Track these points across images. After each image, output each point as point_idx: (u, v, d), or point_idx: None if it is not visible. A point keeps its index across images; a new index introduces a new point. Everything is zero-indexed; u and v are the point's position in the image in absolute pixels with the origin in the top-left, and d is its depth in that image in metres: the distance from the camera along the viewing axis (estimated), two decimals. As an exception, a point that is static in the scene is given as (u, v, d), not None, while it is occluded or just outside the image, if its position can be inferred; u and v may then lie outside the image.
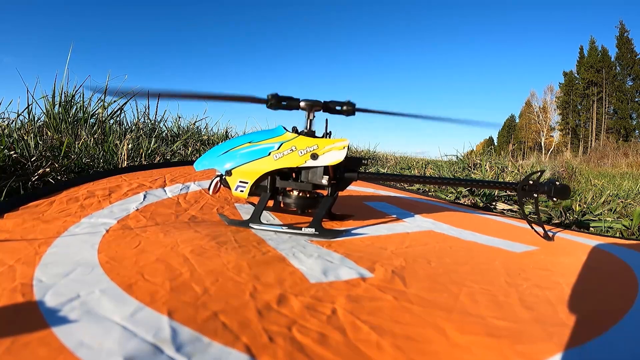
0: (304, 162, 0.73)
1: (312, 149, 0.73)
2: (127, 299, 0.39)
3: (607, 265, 0.68)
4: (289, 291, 0.44)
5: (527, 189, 0.80)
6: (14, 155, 1.01)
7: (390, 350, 0.33)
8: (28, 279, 0.43)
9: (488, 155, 3.36)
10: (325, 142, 0.74)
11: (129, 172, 1.07)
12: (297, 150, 0.74)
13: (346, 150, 0.73)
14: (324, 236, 0.70)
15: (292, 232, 0.72)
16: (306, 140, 0.74)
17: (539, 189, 0.79)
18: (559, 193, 0.78)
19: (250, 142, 0.76)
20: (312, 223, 0.72)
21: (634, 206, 1.81)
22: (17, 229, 0.63)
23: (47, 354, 0.30)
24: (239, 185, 0.76)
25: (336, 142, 0.73)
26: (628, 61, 18.38)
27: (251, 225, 0.73)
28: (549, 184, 0.79)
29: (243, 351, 0.32)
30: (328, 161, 0.73)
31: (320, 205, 0.76)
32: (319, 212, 0.74)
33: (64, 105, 1.75)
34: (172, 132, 2.07)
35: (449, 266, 0.58)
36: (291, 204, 0.80)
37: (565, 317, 0.41)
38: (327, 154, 0.73)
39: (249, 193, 0.76)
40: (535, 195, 0.80)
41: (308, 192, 0.80)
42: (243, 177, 0.76)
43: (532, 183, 0.79)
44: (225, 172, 0.77)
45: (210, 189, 0.79)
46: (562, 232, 0.98)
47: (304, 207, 0.81)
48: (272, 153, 0.74)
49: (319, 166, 0.74)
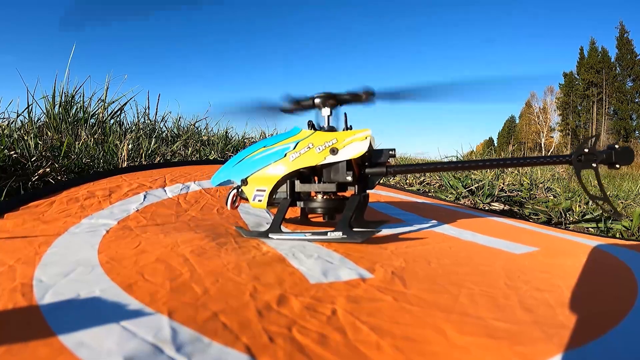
0: (323, 158, 0.68)
1: (330, 144, 0.67)
2: (127, 299, 0.39)
3: (607, 267, 0.68)
4: (289, 292, 0.44)
5: (583, 159, 0.69)
6: (14, 155, 1.01)
7: (390, 350, 0.33)
8: (28, 278, 0.43)
9: (488, 155, 3.36)
10: (344, 135, 0.68)
11: (129, 173, 1.07)
12: (314, 147, 0.68)
13: (369, 140, 0.67)
14: (353, 239, 0.64)
15: (317, 238, 0.66)
16: (324, 136, 0.69)
17: (597, 157, 0.68)
18: (622, 157, 0.67)
19: (264, 146, 0.72)
20: (339, 226, 0.65)
21: (634, 207, 1.81)
22: (18, 229, 0.63)
23: (47, 354, 0.30)
24: (257, 194, 0.70)
25: (357, 133, 0.68)
26: (628, 62, 18.40)
27: (271, 235, 0.66)
28: (607, 149, 0.68)
29: (243, 351, 0.32)
30: (350, 154, 0.67)
31: (347, 206, 0.68)
32: (345, 213, 0.67)
33: (64, 105, 1.74)
34: (172, 133, 2.07)
35: (448, 267, 0.58)
36: (317, 208, 0.72)
37: (565, 319, 0.41)
38: (348, 147, 0.67)
39: (268, 202, 0.70)
40: (594, 165, 0.68)
41: (333, 195, 0.72)
42: (260, 184, 0.70)
43: (587, 152, 0.68)
44: (241, 182, 0.72)
45: (228, 203, 0.73)
46: (562, 233, 0.98)
47: (331, 211, 0.72)
48: (288, 154, 0.69)
49: (341, 161, 0.68)
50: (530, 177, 2.30)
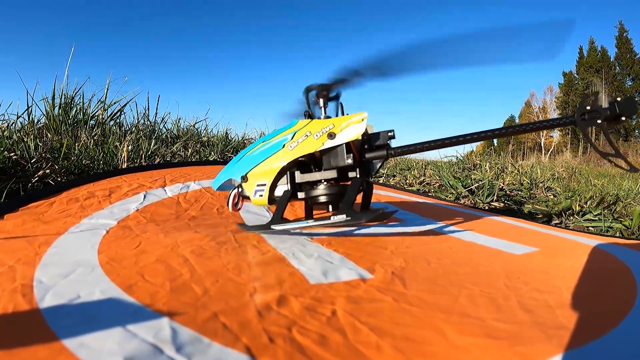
0: (321, 144, 0.67)
1: (328, 129, 0.68)
2: (127, 300, 0.39)
3: (607, 267, 0.68)
4: (289, 292, 0.44)
5: (587, 117, 0.66)
6: (14, 157, 1.01)
7: (390, 351, 0.33)
8: (28, 279, 0.43)
9: (488, 155, 3.37)
10: (341, 120, 0.69)
11: (129, 173, 1.07)
12: (312, 134, 0.68)
13: (365, 122, 0.67)
14: (358, 219, 0.63)
15: (320, 224, 0.65)
16: (320, 123, 0.69)
17: (601, 113, 0.65)
18: (626, 108, 0.63)
19: (263, 142, 0.72)
20: (342, 208, 0.63)
21: (634, 206, 1.81)
22: (17, 229, 0.63)
23: (47, 355, 0.30)
24: (257, 189, 0.70)
25: (353, 117, 0.68)
26: (627, 61, 18.41)
27: (273, 227, 0.66)
28: (610, 104, 0.64)
29: (243, 352, 0.32)
30: (348, 137, 0.67)
31: (349, 188, 0.67)
32: (348, 194, 0.66)
33: (64, 107, 1.75)
34: (172, 134, 2.07)
35: (448, 267, 0.58)
36: (319, 196, 0.70)
37: (565, 320, 0.41)
38: (346, 130, 0.67)
39: (269, 197, 0.70)
40: (599, 121, 0.65)
41: (335, 181, 0.71)
42: (260, 178, 0.70)
43: (590, 109, 0.66)
44: (240, 178, 0.71)
45: (230, 204, 0.73)
46: (562, 232, 0.98)
47: (335, 198, 0.70)
48: (286, 145, 0.69)
49: (340, 145, 0.68)
50: (530, 176, 2.30)
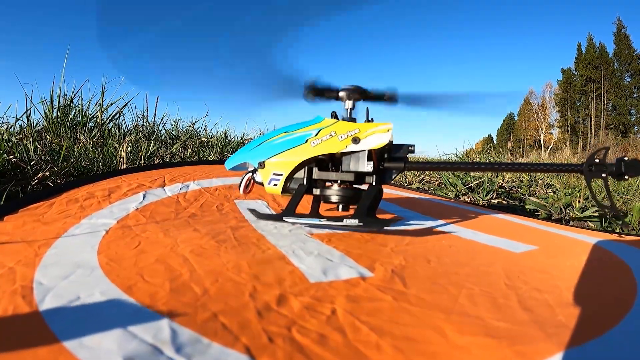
0: (344, 146, 0.68)
1: (353, 133, 0.68)
2: (127, 301, 0.39)
3: (607, 265, 0.68)
4: (289, 291, 0.44)
5: (594, 169, 0.72)
6: (13, 159, 1.01)
7: (390, 350, 0.33)
8: (28, 281, 0.43)
9: (487, 153, 3.36)
10: (367, 126, 0.69)
11: (128, 174, 1.07)
12: (337, 135, 0.68)
13: (390, 133, 0.68)
14: (370, 227, 0.64)
15: (332, 224, 0.65)
16: (346, 125, 0.69)
17: (607, 168, 0.71)
18: (631, 168, 0.70)
19: (285, 132, 0.72)
20: (356, 213, 0.65)
21: (634, 201, 1.81)
22: (17, 231, 0.63)
23: (47, 355, 0.30)
24: (273, 178, 0.70)
25: (379, 125, 0.68)
26: (626, 57, 18.38)
27: (285, 218, 0.66)
28: (617, 161, 0.71)
29: (243, 352, 0.32)
30: (372, 144, 0.67)
31: (365, 195, 0.69)
32: (363, 201, 0.67)
33: (63, 109, 1.74)
34: (171, 135, 2.07)
35: (448, 267, 0.58)
36: (332, 196, 0.71)
37: (565, 319, 0.41)
38: (370, 137, 0.67)
39: (284, 188, 0.70)
40: (603, 175, 0.71)
41: (350, 184, 0.72)
42: (277, 168, 0.70)
43: (598, 162, 0.72)
44: (257, 164, 0.71)
45: (241, 187, 0.73)
46: (562, 229, 0.98)
47: (348, 201, 0.72)
48: (309, 140, 0.69)
49: (362, 150, 0.69)
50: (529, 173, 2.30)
